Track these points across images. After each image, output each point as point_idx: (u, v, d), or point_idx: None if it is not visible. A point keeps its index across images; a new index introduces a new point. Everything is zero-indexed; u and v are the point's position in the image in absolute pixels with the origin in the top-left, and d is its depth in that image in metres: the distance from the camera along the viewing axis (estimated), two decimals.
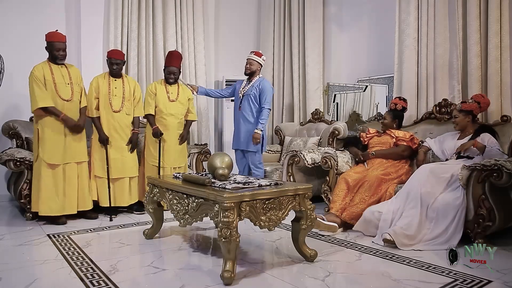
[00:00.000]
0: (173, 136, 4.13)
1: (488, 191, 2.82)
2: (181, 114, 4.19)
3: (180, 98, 4.18)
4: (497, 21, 3.56)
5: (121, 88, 3.91)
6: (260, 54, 4.27)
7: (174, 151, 4.13)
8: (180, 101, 4.18)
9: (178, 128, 4.17)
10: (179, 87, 4.23)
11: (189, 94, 4.28)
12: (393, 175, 3.48)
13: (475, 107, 3.32)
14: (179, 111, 4.17)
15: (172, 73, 4.14)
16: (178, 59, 4.25)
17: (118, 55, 3.96)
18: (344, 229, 3.31)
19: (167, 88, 4.16)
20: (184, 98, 4.22)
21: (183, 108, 4.20)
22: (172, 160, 4.12)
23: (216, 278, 2.25)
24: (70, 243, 2.95)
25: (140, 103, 4.06)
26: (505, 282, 2.21)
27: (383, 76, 4.84)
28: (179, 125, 4.17)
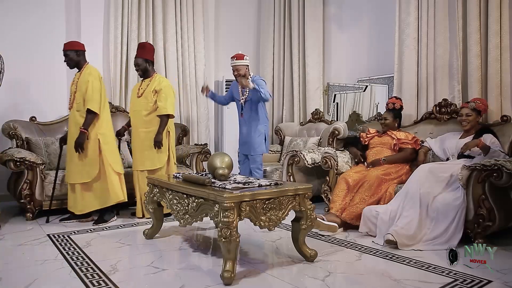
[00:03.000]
0: (137, 135, 3.79)
1: (488, 191, 2.82)
2: (144, 110, 3.73)
3: (145, 92, 3.76)
4: (497, 21, 3.55)
5: (76, 83, 3.59)
6: (242, 56, 4.09)
7: (139, 152, 3.76)
8: (145, 95, 3.76)
9: (143, 126, 3.74)
10: (151, 81, 3.80)
11: (157, 86, 3.74)
12: (393, 175, 3.48)
13: (483, 108, 3.37)
14: (143, 106, 3.75)
15: (136, 64, 3.84)
16: (143, 50, 3.83)
17: (66, 45, 3.61)
18: (344, 229, 3.31)
19: (141, 84, 3.86)
20: (149, 91, 3.75)
21: (147, 103, 3.73)
22: (137, 162, 3.77)
23: (216, 278, 2.25)
24: (70, 243, 2.95)
25: (91, 98, 3.46)
26: (505, 282, 2.21)
27: (383, 76, 4.84)
28: (143, 123, 3.74)
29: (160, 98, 3.70)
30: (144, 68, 3.81)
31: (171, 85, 3.91)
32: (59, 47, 3.72)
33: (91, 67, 3.64)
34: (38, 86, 4.58)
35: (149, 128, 3.71)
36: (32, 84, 4.44)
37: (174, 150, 3.89)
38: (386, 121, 3.82)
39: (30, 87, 4.39)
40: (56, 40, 4.69)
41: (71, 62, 3.61)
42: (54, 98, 4.65)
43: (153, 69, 3.89)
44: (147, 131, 3.71)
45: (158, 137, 3.66)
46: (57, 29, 4.73)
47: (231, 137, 5.58)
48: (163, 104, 3.68)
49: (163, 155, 3.73)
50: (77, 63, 3.62)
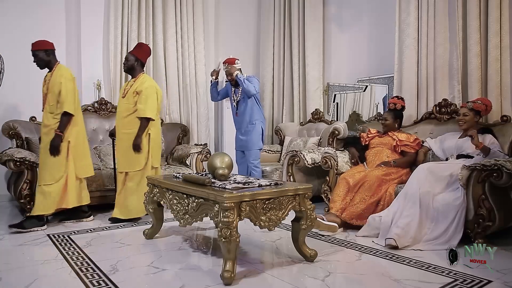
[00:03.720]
0: (118, 137, 3.72)
1: (488, 191, 2.82)
2: (125, 111, 3.65)
3: (128, 93, 3.67)
4: (497, 21, 3.56)
5: (47, 84, 3.48)
6: (233, 60, 4.22)
7: (120, 153, 3.70)
8: (127, 96, 3.67)
9: (124, 128, 3.65)
10: (135, 81, 3.70)
11: (138, 87, 3.63)
12: (393, 175, 3.47)
13: (483, 108, 3.34)
14: (124, 107, 3.67)
15: (125, 59, 3.78)
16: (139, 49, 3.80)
17: (34, 45, 3.48)
18: (344, 229, 3.31)
19: (128, 84, 3.77)
20: (131, 92, 3.65)
21: (128, 104, 3.64)
22: (118, 164, 3.73)
23: (216, 278, 2.25)
24: (70, 243, 2.95)
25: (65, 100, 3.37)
26: (505, 282, 2.21)
27: (383, 76, 4.84)
28: (124, 124, 3.65)
29: (140, 100, 3.58)
30: (131, 66, 3.71)
31: (155, 86, 3.75)
32: (59, 47, 3.73)
33: (63, 67, 3.53)
34: (38, 86, 4.56)
35: (129, 130, 3.60)
36: (32, 84, 4.42)
37: (155, 152, 3.71)
38: (386, 121, 3.81)
39: (30, 87, 4.38)
40: (57, 40, 4.67)
41: (41, 63, 3.49)
42: None
43: (141, 69, 3.78)
44: (127, 133, 3.61)
45: (137, 140, 3.55)
46: (57, 29, 4.73)
47: (231, 137, 5.56)
48: (142, 106, 3.57)
49: (142, 158, 3.59)
50: (47, 63, 3.51)
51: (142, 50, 3.80)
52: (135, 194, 3.56)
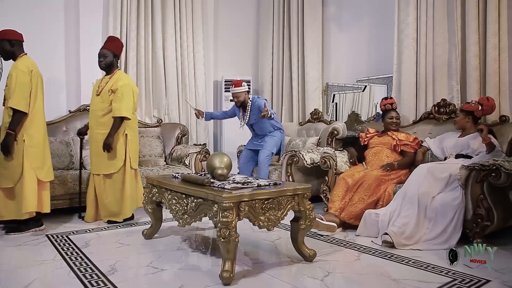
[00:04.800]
0: (92, 137, 3.55)
1: (487, 191, 2.82)
2: (100, 110, 3.49)
3: (103, 91, 3.50)
4: (495, 22, 3.56)
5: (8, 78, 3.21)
6: (240, 82, 4.25)
7: (95, 155, 3.53)
8: (102, 94, 3.50)
9: (99, 128, 3.50)
10: (111, 78, 3.54)
11: (114, 85, 3.47)
12: (392, 175, 3.48)
13: (476, 108, 3.32)
14: (98, 106, 3.51)
15: (102, 55, 3.55)
16: (113, 42, 3.63)
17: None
18: (343, 229, 3.31)
19: (102, 81, 3.61)
20: (106, 90, 3.48)
21: (103, 102, 3.48)
22: (92, 165, 3.57)
23: (215, 278, 2.25)
24: (69, 244, 2.94)
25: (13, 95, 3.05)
26: (503, 282, 2.21)
27: (382, 76, 4.85)
28: (99, 124, 3.50)
29: (115, 99, 3.41)
30: (110, 62, 3.54)
31: (131, 84, 3.57)
32: (58, 47, 3.72)
33: (24, 59, 3.21)
34: None
35: (105, 130, 3.43)
36: None
37: (133, 153, 3.56)
38: (398, 120, 3.83)
39: None
40: (55, 40, 4.70)
41: (3, 53, 3.22)
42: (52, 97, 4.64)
43: (117, 66, 3.64)
44: (103, 133, 3.43)
45: (108, 140, 3.38)
46: (56, 29, 4.72)
47: (230, 137, 5.59)
48: (117, 105, 3.40)
49: (118, 160, 3.45)
50: (11, 54, 3.22)
51: (117, 44, 3.63)
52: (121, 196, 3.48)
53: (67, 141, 4.30)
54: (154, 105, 5.22)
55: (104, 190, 3.50)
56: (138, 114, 5.09)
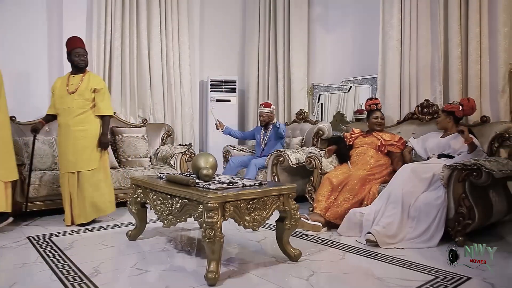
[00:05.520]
0: (68, 134, 3.47)
1: (468, 190, 2.88)
2: (80, 108, 3.46)
3: (80, 89, 3.49)
4: (476, 24, 3.63)
5: None
6: (270, 104, 4.79)
7: (72, 153, 3.44)
8: (80, 93, 3.48)
9: (77, 125, 3.45)
10: (85, 77, 3.56)
11: (97, 84, 3.56)
12: (377, 175, 3.52)
13: (456, 108, 3.38)
14: (76, 104, 3.46)
15: (83, 55, 3.57)
16: (83, 43, 3.70)
17: None
18: (328, 229, 3.33)
19: (70, 80, 3.56)
20: (87, 89, 3.50)
21: (82, 101, 3.47)
22: (68, 164, 3.46)
23: (200, 279, 2.24)
24: (51, 246, 2.89)
25: None
26: (483, 279, 2.25)
27: (367, 77, 4.90)
28: (78, 121, 3.45)
29: (101, 98, 3.55)
30: (87, 62, 3.64)
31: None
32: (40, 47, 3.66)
33: None
34: (19, 85, 4.49)
35: (84, 127, 3.47)
36: (12, 84, 4.32)
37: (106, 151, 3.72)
38: (383, 121, 3.87)
39: (10, 87, 4.26)
40: (37, 39, 4.62)
41: None
42: (35, 97, 4.57)
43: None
44: (84, 130, 3.46)
45: (105, 138, 3.55)
46: (39, 28, 4.64)
47: (215, 137, 5.58)
48: (105, 104, 3.56)
49: (98, 156, 3.53)
50: None
51: (80, 42, 3.66)
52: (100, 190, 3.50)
53: (50, 141, 4.23)
54: (139, 105, 5.17)
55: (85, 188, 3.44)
56: (122, 114, 5.06)
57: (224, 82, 5.67)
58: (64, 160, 3.50)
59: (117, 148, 4.66)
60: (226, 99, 5.67)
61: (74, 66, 3.60)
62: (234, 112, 5.76)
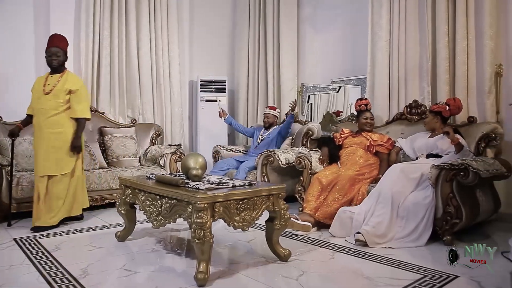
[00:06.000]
0: (42, 137, 3.34)
1: (456, 189, 2.91)
2: (53, 109, 3.33)
3: (55, 90, 3.36)
4: (463, 26, 3.68)
5: None
6: (275, 108, 4.97)
7: (44, 155, 3.31)
8: (55, 93, 3.36)
9: (51, 127, 3.33)
10: (62, 77, 3.44)
11: (72, 85, 3.41)
12: (366, 175, 3.54)
13: (443, 108, 3.42)
14: (51, 105, 3.33)
15: (55, 54, 3.43)
16: (63, 41, 3.55)
17: None
18: (318, 229, 3.34)
19: (48, 80, 3.44)
20: (61, 90, 3.37)
21: (58, 102, 3.35)
22: (39, 166, 3.33)
23: (189, 279, 2.23)
24: (38, 247, 2.86)
25: None
26: (471, 277, 2.28)
27: (356, 77, 4.92)
28: (51, 123, 3.33)
29: (76, 100, 3.39)
30: (62, 61, 3.48)
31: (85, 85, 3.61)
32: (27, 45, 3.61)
33: None
34: (5, 85, 4.42)
35: (58, 129, 3.34)
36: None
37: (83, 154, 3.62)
38: (372, 120, 3.89)
39: None
40: (24, 38, 4.56)
41: None
42: (22, 97, 4.49)
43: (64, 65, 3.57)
44: (57, 132, 3.33)
45: (78, 142, 3.39)
46: (25, 26, 4.58)
47: (205, 137, 5.56)
48: (80, 106, 3.41)
49: (72, 160, 3.40)
50: None
51: (66, 43, 3.55)
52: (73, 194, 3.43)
53: None
54: (128, 105, 5.13)
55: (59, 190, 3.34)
56: (111, 114, 5.02)
57: (214, 82, 5.66)
58: (35, 162, 3.40)
59: (106, 149, 4.62)
60: (215, 99, 5.65)
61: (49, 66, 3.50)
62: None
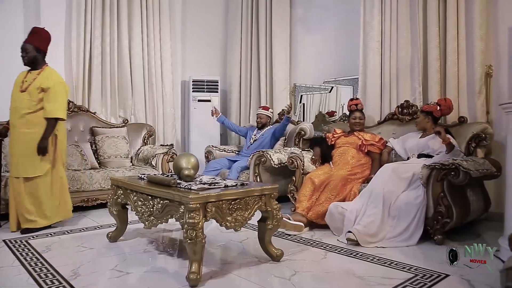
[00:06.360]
0: (16, 137, 3.22)
1: (447, 189, 2.94)
2: (26, 108, 3.17)
3: (30, 87, 3.20)
4: (454, 27, 3.71)
5: None
6: (268, 108, 4.97)
7: (17, 156, 3.18)
8: (29, 91, 3.19)
9: (24, 127, 3.18)
10: (39, 74, 3.27)
11: (44, 82, 3.21)
12: (358, 175, 3.56)
13: (434, 109, 3.45)
14: (24, 104, 3.18)
15: (23, 50, 3.27)
16: (36, 36, 3.32)
17: None
18: (310, 228, 3.35)
19: (27, 76, 3.29)
20: (34, 87, 3.19)
21: (31, 100, 3.18)
22: (13, 168, 3.22)
23: (182, 280, 2.22)
24: (28, 249, 2.82)
25: None
26: (461, 276, 2.30)
27: (348, 77, 4.94)
28: (25, 123, 3.18)
29: (49, 99, 3.17)
30: (33, 58, 3.27)
31: (63, 82, 3.36)
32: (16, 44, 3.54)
33: None
34: None
35: (32, 129, 3.16)
36: None
37: (63, 155, 3.39)
38: (361, 120, 3.90)
39: None
40: (14, 37, 4.49)
41: None
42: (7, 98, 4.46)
43: (43, 61, 3.35)
44: (30, 132, 3.16)
45: (43, 143, 3.15)
46: (15, 25, 4.52)
47: (197, 137, 5.55)
48: (51, 105, 3.17)
49: (45, 162, 3.21)
50: None
51: (41, 38, 3.32)
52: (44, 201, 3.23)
53: None
54: (119, 105, 5.10)
55: (27, 193, 3.19)
56: (103, 114, 4.98)
57: (206, 82, 5.65)
58: (9, 163, 3.29)
59: (97, 149, 4.59)
60: (208, 99, 5.65)
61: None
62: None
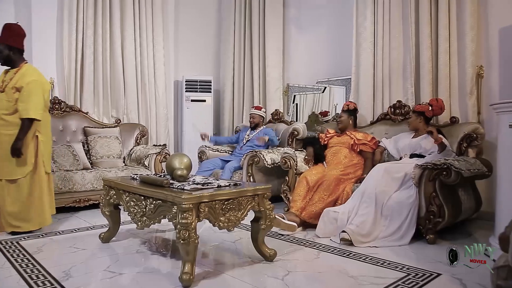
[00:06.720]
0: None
1: (439, 188, 2.96)
2: (4, 109, 3.08)
3: (7, 87, 3.09)
4: (445, 28, 3.74)
5: None
6: (260, 108, 4.91)
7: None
8: (6, 91, 3.09)
9: (4, 128, 3.09)
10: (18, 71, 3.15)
11: (18, 82, 3.08)
12: (351, 175, 3.57)
13: (426, 109, 3.47)
14: (3, 104, 3.08)
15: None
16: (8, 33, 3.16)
17: None
18: (303, 228, 3.36)
19: (7, 75, 3.18)
20: (9, 87, 3.08)
21: (8, 100, 3.07)
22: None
23: (175, 280, 2.22)
24: (19, 250, 2.80)
25: None
26: (453, 275, 2.32)
27: (341, 78, 4.96)
28: (4, 124, 3.09)
29: (22, 98, 3.04)
30: (6, 56, 3.13)
31: (40, 80, 3.19)
32: None
33: None
34: None
35: (12, 131, 3.05)
36: None
37: (47, 157, 3.25)
38: (341, 118, 3.95)
39: None
40: None
41: None
42: None
43: (21, 58, 3.20)
44: (9, 134, 3.05)
45: (16, 144, 3.01)
46: None
47: (190, 137, 5.53)
48: (24, 105, 3.03)
49: (27, 164, 3.10)
50: None
51: (13, 34, 3.16)
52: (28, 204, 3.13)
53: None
54: (112, 105, 5.07)
55: (8, 197, 3.11)
56: (95, 114, 4.94)
57: (199, 82, 5.64)
58: None
59: (89, 149, 4.56)
60: (201, 99, 5.64)
61: None
62: (209, 112, 5.73)
